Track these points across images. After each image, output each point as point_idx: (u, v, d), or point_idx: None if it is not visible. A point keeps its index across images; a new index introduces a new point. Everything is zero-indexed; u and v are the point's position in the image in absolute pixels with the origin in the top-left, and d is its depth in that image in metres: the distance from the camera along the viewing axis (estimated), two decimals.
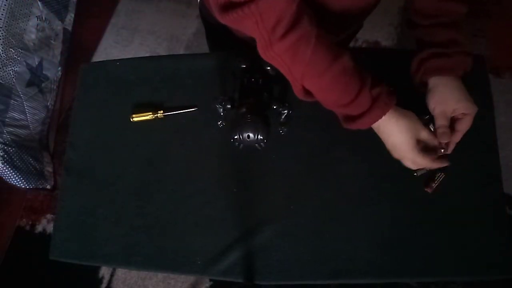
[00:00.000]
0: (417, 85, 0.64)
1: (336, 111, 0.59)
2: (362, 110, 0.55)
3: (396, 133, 0.57)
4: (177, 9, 1.84)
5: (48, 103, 1.58)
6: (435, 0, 0.59)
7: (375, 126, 0.57)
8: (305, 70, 0.52)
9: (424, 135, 0.58)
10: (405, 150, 0.57)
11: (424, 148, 0.59)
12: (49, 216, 1.57)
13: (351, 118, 0.57)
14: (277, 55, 0.52)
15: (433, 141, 0.59)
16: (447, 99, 0.59)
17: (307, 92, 0.57)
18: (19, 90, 1.39)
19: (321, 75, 0.53)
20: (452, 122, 0.60)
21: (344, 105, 0.55)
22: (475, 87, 0.75)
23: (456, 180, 0.70)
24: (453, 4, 0.59)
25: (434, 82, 0.60)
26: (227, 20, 0.51)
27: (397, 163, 0.70)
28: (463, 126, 0.60)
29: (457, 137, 0.61)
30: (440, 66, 0.59)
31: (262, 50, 0.53)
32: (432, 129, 0.63)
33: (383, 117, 0.55)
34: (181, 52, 1.76)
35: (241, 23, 0.51)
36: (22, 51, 1.40)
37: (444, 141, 0.59)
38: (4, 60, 1.31)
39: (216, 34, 0.82)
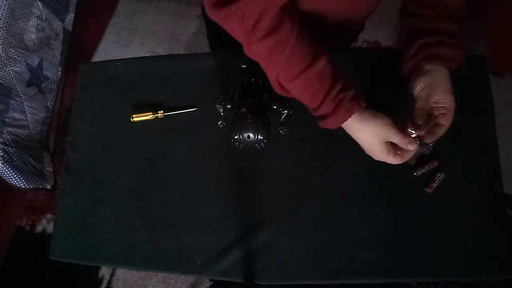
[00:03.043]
0: (407, 69, 0.63)
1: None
2: (326, 113, 0.56)
3: (360, 137, 0.58)
4: (177, 9, 1.84)
5: (48, 103, 1.58)
6: None
7: (343, 127, 0.59)
8: (279, 73, 0.55)
9: (395, 138, 0.56)
10: (372, 152, 0.58)
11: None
12: (49, 216, 1.57)
13: (320, 117, 0.58)
14: (255, 55, 0.55)
15: (405, 144, 0.57)
16: (436, 86, 0.59)
17: (283, 88, 0.58)
18: (19, 90, 1.39)
19: (294, 79, 0.54)
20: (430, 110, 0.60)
21: (315, 108, 0.57)
22: (475, 87, 0.75)
23: (456, 180, 0.70)
24: None
25: (429, 67, 0.60)
26: (216, 17, 0.53)
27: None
28: (447, 121, 0.60)
29: (441, 131, 0.60)
30: (443, 54, 0.59)
31: (245, 49, 0.56)
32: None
33: (347, 121, 0.56)
34: (181, 52, 1.76)
35: (228, 22, 0.52)
36: (22, 51, 1.40)
37: (419, 122, 0.58)
38: (4, 60, 1.31)
39: (218, 33, 0.82)
